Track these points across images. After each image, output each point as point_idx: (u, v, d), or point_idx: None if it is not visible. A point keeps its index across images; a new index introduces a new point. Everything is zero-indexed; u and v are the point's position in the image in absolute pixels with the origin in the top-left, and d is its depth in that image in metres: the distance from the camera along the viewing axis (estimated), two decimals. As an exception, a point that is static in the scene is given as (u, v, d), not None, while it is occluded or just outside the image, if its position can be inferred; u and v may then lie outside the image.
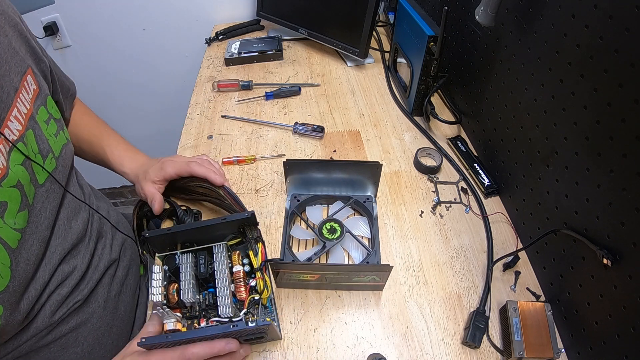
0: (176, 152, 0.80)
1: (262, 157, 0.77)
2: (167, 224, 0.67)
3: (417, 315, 0.55)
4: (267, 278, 0.51)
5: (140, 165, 0.66)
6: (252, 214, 0.52)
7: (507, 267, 0.60)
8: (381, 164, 0.61)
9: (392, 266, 0.50)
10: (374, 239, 0.62)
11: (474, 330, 0.52)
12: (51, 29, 1.15)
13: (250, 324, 0.43)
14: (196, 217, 0.66)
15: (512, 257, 0.59)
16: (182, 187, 0.67)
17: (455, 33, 0.80)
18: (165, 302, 0.48)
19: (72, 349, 0.55)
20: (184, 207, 0.65)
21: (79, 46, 1.23)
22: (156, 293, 0.48)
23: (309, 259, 0.59)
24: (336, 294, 0.58)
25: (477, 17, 0.61)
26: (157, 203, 0.62)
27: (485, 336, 0.52)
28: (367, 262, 0.59)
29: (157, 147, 1.50)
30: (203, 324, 0.48)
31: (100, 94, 1.34)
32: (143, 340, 0.42)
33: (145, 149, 0.71)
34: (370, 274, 0.52)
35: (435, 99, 0.89)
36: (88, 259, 0.58)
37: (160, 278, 0.49)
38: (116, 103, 1.39)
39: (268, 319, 0.44)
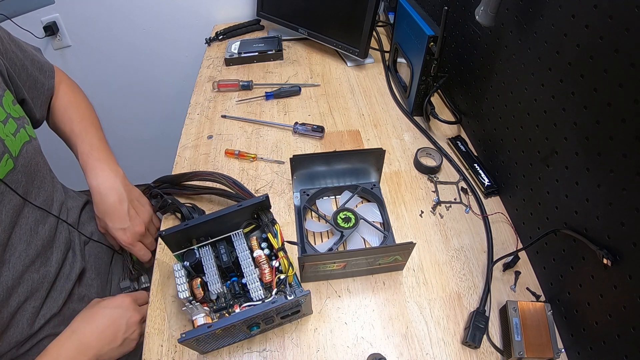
0: (176, 152, 0.80)
1: (262, 158, 0.77)
2: (169, 224, 0.67)
3: (417, 315, 0.56)
4: (289, 257, 0.52)
5: (104, 191, 0.60)
6: (267, 197, 0.53)
7: (507, 267, 0.60)
8: (384, 150, 0.63)
9: (415, 243, 0.52)
10: (386, 223, 0.64)
11: (474, 330, 0.52)
12: (51, 29, 1.15)
13: (289, 297, 0.45)
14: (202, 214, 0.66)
15: (512, 257, 0.59)
16: (185, 185, 0.68)
17: (455, 33, 0.80)
18: (191, 297, 0.49)
19: None
20: (188, 204, 0.66)
21: (79, 46, 1.23)
22: (182, 290, 0.49)
23: (330, 249, 0.61)
24: (336, 294, 0.58)
25: (477, 17, 0.61)
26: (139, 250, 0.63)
27: (485, 336, 0.52)
28: (386, 245, 0.60)
29: (157, 147, 1.50)
30: (237, 310, 0.49)
31: (100, 94, 1.34)
32: (183, 335, 0.43)
33: (145, 149, 0.71)
34: (394, 254, 0.54)
35: (435, 99, 0.89)
36: (57, 268, 0.57)
37: (184, 275, 0.50)
38: (116, 103, 1.39)
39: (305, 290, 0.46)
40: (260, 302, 0.48)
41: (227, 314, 0.51)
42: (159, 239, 0.65)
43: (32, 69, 0.62)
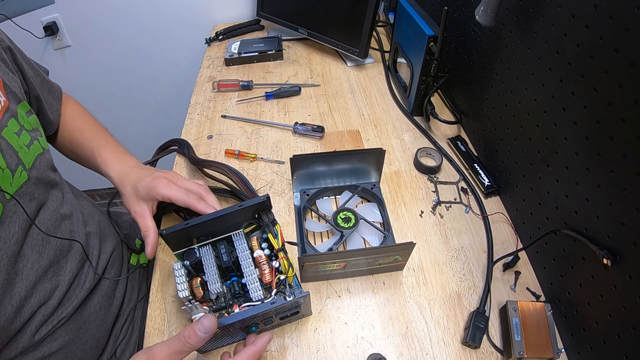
0: (176, 152, 0.80)
1: (262, 158, 0.77)
2: (169, 223, 0.67)
3: (417, 315, 0.56)
4: (289, 258, 0.52)
5: (128, 169, 0.62)
6: (267, 198, 0.53)
7: (507, 267, 0.60)
8: (384, 150, 0.63)
9: (415, 243, 0.52)
10: (386, 223, 0.64)
11: (474, 330, 0.52)
12: (51, 29, 1.15)
13: (288, 298, 0.45)
14: None
15: (512, 257, 0.59)
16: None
17: (455, 33, 0.80)
18: (191, 297, 0.49)
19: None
20: None
21: (79, 46, 1.23)
22: (182, 289, 0.49)
23: (330, 249, 0.61)
24: (336, 294, 0.58)
25: (477, 17, 0.61)
26: (151, 241, 0.56)
27: (485, 336, 0.52)
28: (386, 245, 0.60)
29: (157, 147, 1.50)
30: (236, 310, 0.49)
31: (100, 94, 1.34)
32: None
33: (145, 149, 0.71)
34: (394, 254, 0.54)
35: (435, 99, 0.89)
36: (71, 277, 0.56)
37: (184, 274, 0.50)
38: (116, 103, 1.39)
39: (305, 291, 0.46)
40: (259, 302, 0.48)
41: (226, 314, 0.51)
42: (159, 238, 0.64)
43: (41, 88, 0.62)
